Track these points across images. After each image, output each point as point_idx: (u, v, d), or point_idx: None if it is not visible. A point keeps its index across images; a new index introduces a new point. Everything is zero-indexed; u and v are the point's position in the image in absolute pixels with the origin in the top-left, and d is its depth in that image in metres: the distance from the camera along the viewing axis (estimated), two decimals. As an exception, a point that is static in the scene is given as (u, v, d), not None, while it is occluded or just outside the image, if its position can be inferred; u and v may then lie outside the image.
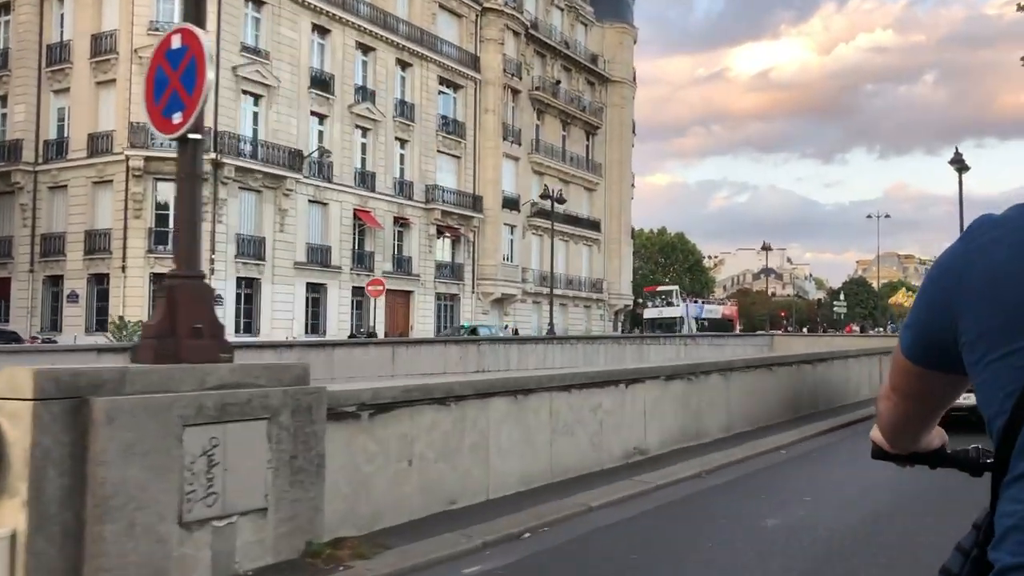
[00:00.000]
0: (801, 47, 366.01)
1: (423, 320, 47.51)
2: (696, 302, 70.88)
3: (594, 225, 63.39)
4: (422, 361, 30.47)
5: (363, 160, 44.85)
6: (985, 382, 1.23)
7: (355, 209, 43.47)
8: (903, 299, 58.83)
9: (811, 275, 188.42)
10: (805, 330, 77.24)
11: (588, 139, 63.85)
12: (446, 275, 49.83)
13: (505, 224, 53.51)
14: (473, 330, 40.84)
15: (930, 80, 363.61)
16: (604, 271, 64.48)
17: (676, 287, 71.60)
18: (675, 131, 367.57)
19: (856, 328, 75.97)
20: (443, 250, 50.16)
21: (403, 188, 46.89)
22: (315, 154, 40.71)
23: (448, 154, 50.36)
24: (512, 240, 54.35)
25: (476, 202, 51.26)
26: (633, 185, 68.69)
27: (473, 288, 51.56)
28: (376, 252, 44.63)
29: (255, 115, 39.27)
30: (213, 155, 35.33)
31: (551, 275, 46.91)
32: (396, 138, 46.52)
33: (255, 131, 39.08)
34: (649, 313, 66.41)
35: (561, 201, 43.37)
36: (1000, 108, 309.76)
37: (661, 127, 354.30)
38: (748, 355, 20.43)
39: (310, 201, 41.33)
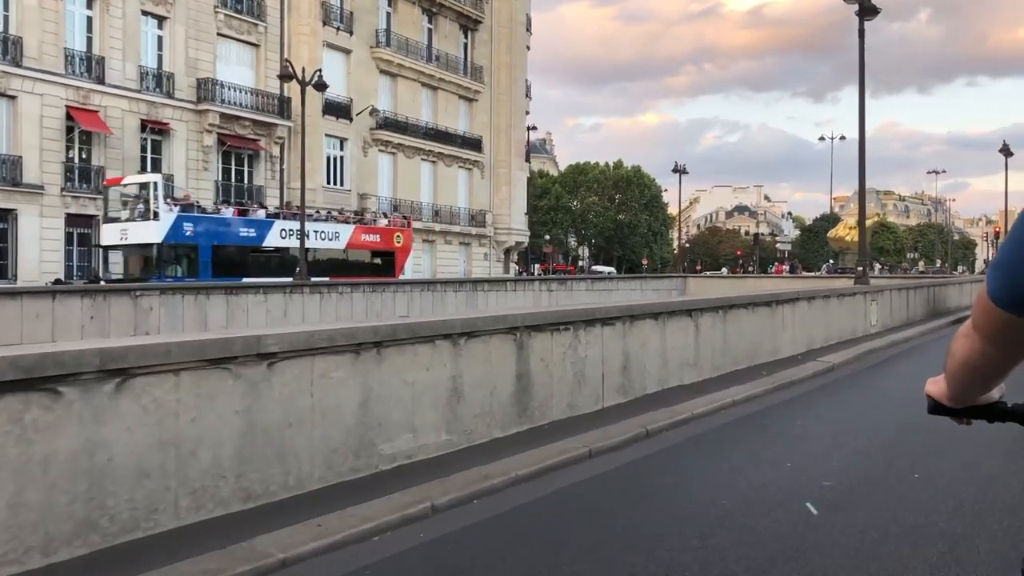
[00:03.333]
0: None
1: (197, 260, 35.80)
2: (260, 210, 34.77)
3: (473, 144, 51.31)
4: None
5: (88, 40, 32.66)
6: None
7: (68, 106, 31.44)
8: (843, 232, 47.74)
9: (788, 213, 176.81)
10: (725, 271, 65.96)
11: (466, 36, 51.36)
12: (240, 202, 37.99)
13: (330, 136, 41.44)
14: None
15: (924, 18, 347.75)
16: (490, 201, 52.63)
17: (157, 178, 30.71)
18: (666, 70, 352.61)
19: (786, 268, 64.65)
20: (233, 169, 38.26)
21: (160, 81, 34.76)
22: (-21, 23, 28.58)
23: (238, 40, 38.09)
24: (343, 157, 42.34)
25: (283, 105, 39.17)
26: (529, 96, 56.36)
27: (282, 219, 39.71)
28: (108, 167, 32.68)
29: None
30: None
31: (298, 198, 33.79)
32: (145, 12, 34.21)
33: None
34: (108, 235, 29.91)
35: (321, 87, 31.23)
36: (993, 46, 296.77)
37: (652, 66, 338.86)
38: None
39: (-18, 92, 29.34)
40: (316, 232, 33.88)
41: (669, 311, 10.32)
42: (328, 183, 41.00)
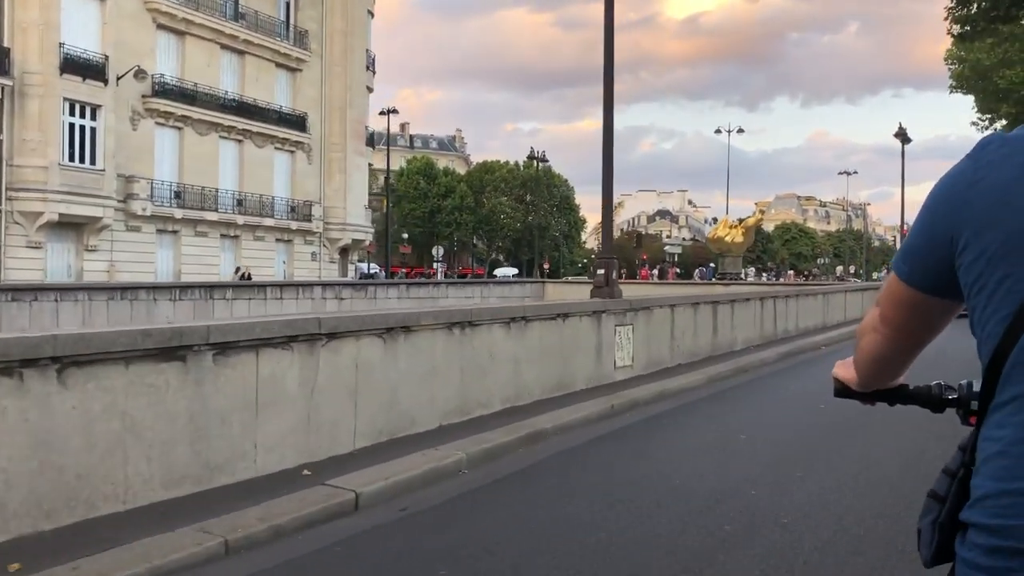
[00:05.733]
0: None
1: None
2: None
3: (295, 122, 42.96)
4: None
5: None
6: (979, 305, 1.17)
7: None
8: (723, 232, 40.96)
9: (714, 219, 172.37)
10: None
11: (287, -7, 43.10)
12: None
13: (71, 100, 32.62)
14: None
15: (853, 30, 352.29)
16: (320, 192, 44.35)
17: None
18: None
19: (655, 273, 58.02)
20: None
21: None
22: None
23: (-71, -30, 29.25)
24: (95, 129, 33.57)
25: (1, 58, 30.41)
26: (372, 70, 48.14)
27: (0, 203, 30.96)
28: None
29: None
30: None
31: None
32: None
33: None
34: None
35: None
36: (918, 59, 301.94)
37: (590, 73, 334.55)
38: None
39: None
40: None
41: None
42: (70, 160, 32.24)
